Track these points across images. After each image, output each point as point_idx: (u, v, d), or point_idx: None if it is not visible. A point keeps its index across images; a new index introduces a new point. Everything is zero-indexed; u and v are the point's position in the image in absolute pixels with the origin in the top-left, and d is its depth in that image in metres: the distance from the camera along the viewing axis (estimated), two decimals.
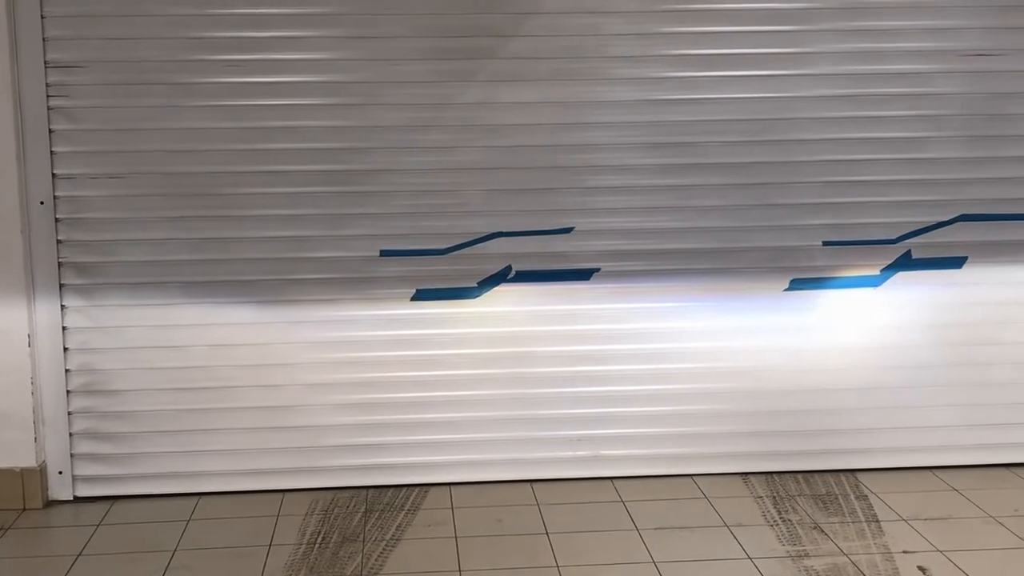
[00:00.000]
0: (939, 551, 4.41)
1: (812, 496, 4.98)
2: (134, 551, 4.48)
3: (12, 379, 4.84)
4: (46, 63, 4.71)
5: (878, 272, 5.14)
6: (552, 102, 4.91)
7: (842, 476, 5.20)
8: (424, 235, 4.97)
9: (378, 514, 4.81)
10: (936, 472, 5.23)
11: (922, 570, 4.25)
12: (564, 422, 5.14)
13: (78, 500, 5.00)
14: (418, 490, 5.07)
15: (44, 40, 4.69)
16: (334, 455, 5.08)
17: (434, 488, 5.09)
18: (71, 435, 4.96)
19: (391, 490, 5.07)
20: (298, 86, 4.84)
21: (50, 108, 4.74)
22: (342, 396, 5.04)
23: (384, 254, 4.97)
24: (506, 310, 5.06)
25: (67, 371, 4.91)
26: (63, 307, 4.87)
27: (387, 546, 4.49)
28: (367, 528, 4.67)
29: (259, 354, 4.98)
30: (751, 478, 5.18)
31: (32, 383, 4.85)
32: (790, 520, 4.72)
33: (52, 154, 4.76)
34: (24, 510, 4.90)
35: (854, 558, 4.35)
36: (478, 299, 5.05)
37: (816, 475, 5.21)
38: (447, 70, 4.88)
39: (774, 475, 5.21)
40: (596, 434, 5.17)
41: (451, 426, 5.11)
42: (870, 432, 5.24)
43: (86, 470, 5.00)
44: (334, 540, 4.56)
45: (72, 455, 4.98)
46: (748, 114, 4.99)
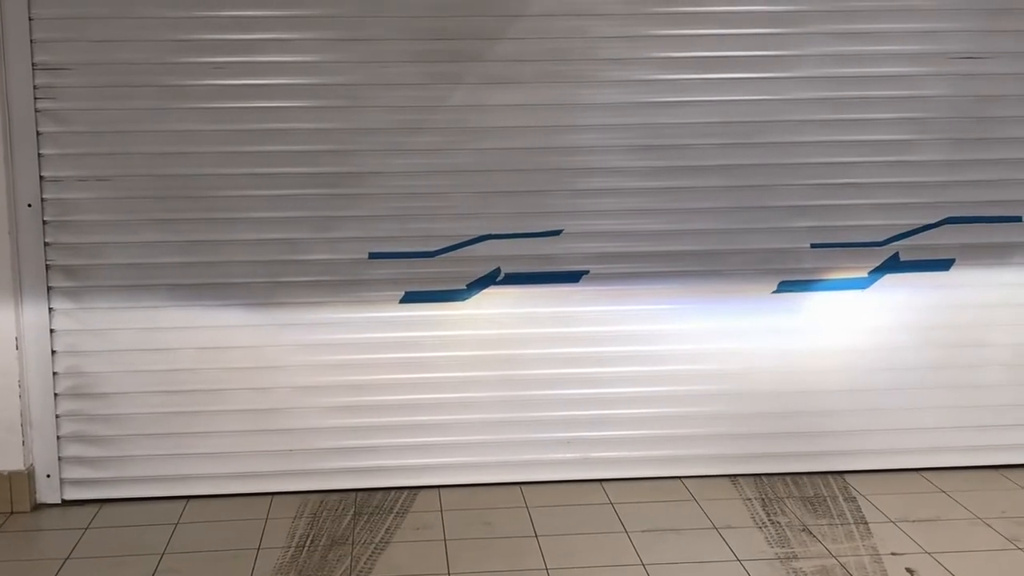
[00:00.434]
0: (927, 553, 4.42)
1: (801, 498, 4.99)
2: (122, 555, 4.47)
3: (0, 382, 4.82)
4: (34, 65, 4.69)
5: (866, 274, 5.16)
6: (541, 104, 4.92)
7: (830, 478, 5.21)
8: (413, 237, 4.97)
9: (367, 517, 4.81)
10: (924, 474, 5.25)
11: (910, 572, 4.26)
12: (553, 424, 5.14)
13: (66, 503, 4.99)
14: (407, 493, 5.07)
15: (32, 42, 4.68)
16: (323, 458, 5.07)
17: (423, 491, 5.09)
18: (59, 438, 4.95)
19: (380, 493, 5.07)
20: (286, 88, 4.83)
21: (38, 111, 4.72)
22: (331, 399, 5.04)
23: (373, 256, 4.97)
24: (495, 312, 5.06)
25: (55, 374, 4.90)
26: (51, 310, 4.85)
27: (376, 549, 4.49)
28: (356, 531, 4.67)
29: (248, 357, 4.98)
30: (740, 480, 5.19)
31: (20, 386, 4.83)
32: (779, 522, 4.73)
33: (40, 156, 4.75)
34: (12, 513, 4.88)
35: (842, 560, 4.36)
36: (467, 301, 5.05)
37: (804, 477, 5.22)
38: (436, 72, 4.88)
39: (763, 477, 5.22)
40: (585, 436, 5.17)
41: (440, 428, 5.10)
42: (858, 434, 5.26)
43: (74, 473, 4.99)
44: (323, 543, 4.56)
45: (60, 458, 4.96)
46: (737, 117, 5.00)
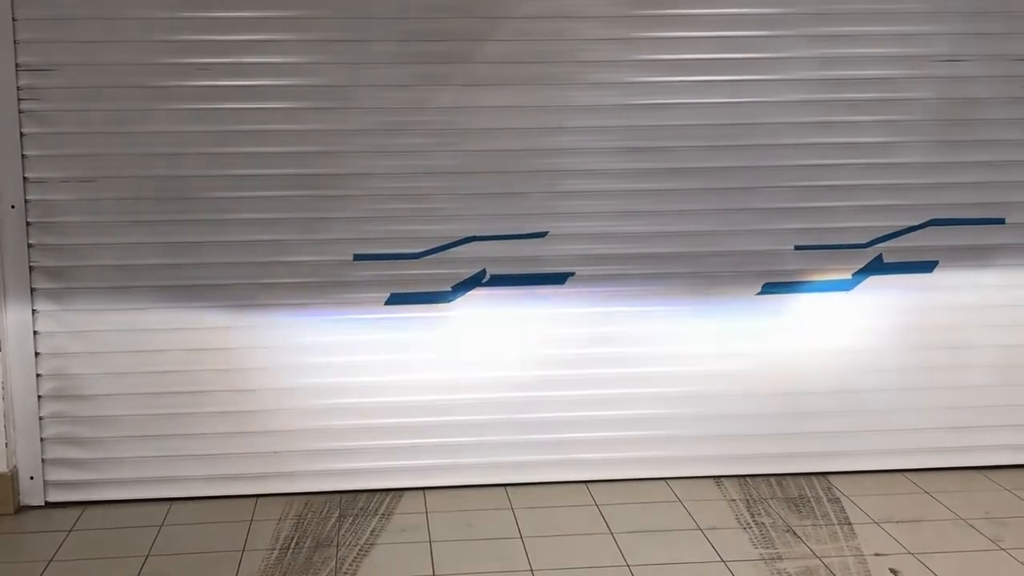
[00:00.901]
0: (911, 553, 4.43)
1: (785, 499, 5.00)
2: (106, 556, 4.46)
3: None
4: (17, 66, 4.68)
5: (850, 276, 5.17)
6: (526, 106, 4.92)
7: (814, 479, 5.23)
8: (398, 239, 4.97)
9: (352, 519, 4.80)
10: (907, 475, 5.27)
11: (894, 572, 4.28)
12: (538, 425, 5.15)
13: (50, 505, 4.97)
14: (392, 494, 5.06)
15: (15, 43, 4.66)
16: (308, 460, 5.07)
17: (408, 492, 5.09)
18: (43, 440, 4.93)
19: (365, 495, 5.06)
20: (272, 89, 4.83)
21: (21, 111, 4.71)
22: (315, 400, 5.03)
23: (358, 258, 4.96)
24: (480, 314, 5.06)
25: (38, 376, 4.88)
26: (34, 311, 4.83)
27: (361, 551, 4.49)
28: (341, 533, 4.66)
29: (232, 358, 4.97)
30: (724, 481, 5.20)
31: (3, 388, 4.81)
32: (763, 523, 4.74)
33: (23, 157, 4.73)
34: None
35: (826, 561, 4.37)
36: (452, 303, 5.05)
37: (789, 478, 5.23)
38: (421, 74, 4.88)
39: (747, 478, 5.23)
40: (570, 437, 5.17)
41: (425, 430, 5.10)
42: (842, 435, 5.27)
43: (58, 475, 4.97)
44: (307, 545, 4.55)
45: (44, 460, 4.94)
46: (722, 119, 5.02)
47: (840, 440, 5.28)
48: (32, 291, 4.82)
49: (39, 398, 4.89)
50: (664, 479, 5.21)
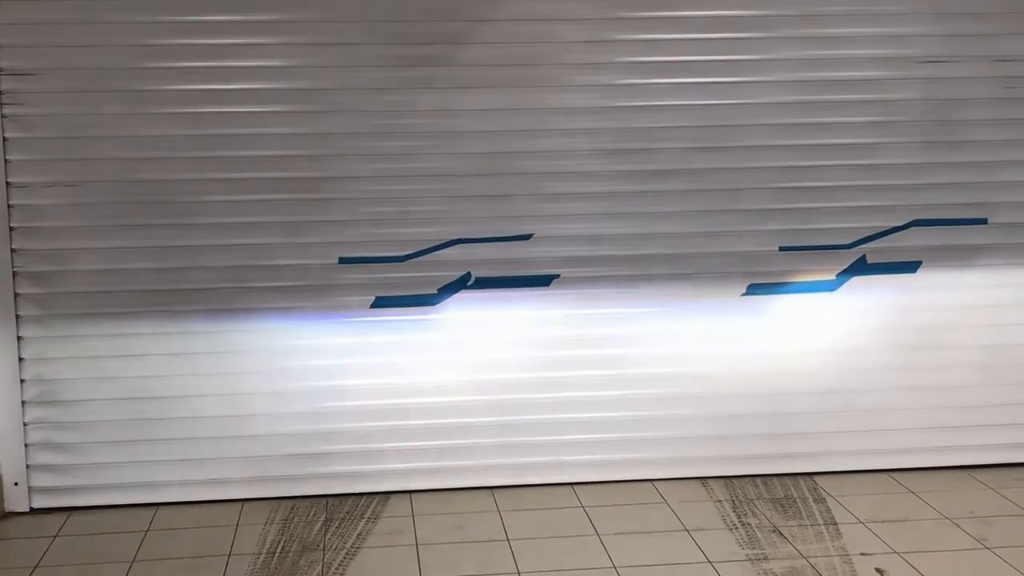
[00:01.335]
0: (896, 553, 4.45)
1: (771, 500, 5.01)
2: (91, 562, 4.44)
3: None
4: (0, 71, 4.67)
5: (834, 277, 5.19)
6: (510, 109, 4.92)
7: (800, 479, 5.24)
8: (383, 242, 4.97)
9: (338, 523, 4.80)
10: (893, 475, 5.29)
11: (880, 572, 4.29)
12: (524, 428, 5.14)
13: (35, 512, 4.94)
14: (378, 498, 5.06)
15: None
16: (293, 464, 5.06)
17: (394, 496, 5.08)
18: (27, 446, 4.91)
19: (351, 498, 5.05)
20: (256, 93, 4.82)
21: (4, 116, 4.69)
22: (300, 404, 5.02)
23: (343, 261, 4.96)
24: (466, 316, 5.06)
25: (22, 381, 4.86)
26: (18, 317, 4.81)
27: (347, 555, 4.48)
28: (327, 537, 4.65)
29: (217, 363, 4.95)
30: (710, 482, 5.21)
31: None
32: (749, 524, 4.75)
33: (6, 162, 4.71)
34: None
35: (813, 561, 4.39)
36: (438, 306, 5.04)
37: (775, 479, 5.24)
38: (405, 77, 4.88)
39: (733, 479, 5.24)
40: (556, 440, 5.17)
41: (411, 433, 5.09)
42: (828, 436, 5.29)
43: (43, 481, 4.95)
44: (294, 549, 4.54)
45: (28, 466, 4.92)
46: (705, 120, 5.03)
47: (826, 440, 5.29)
48: (16, 296, 4.80)
49: (23, 403, 4.87)
50: (650, 481, 5.21)
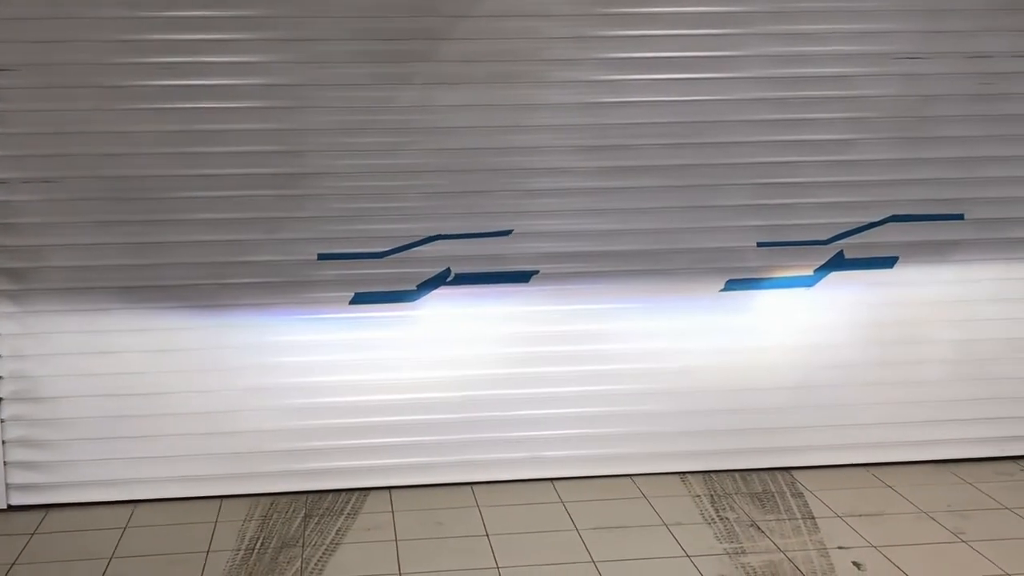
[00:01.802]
0: (873, 546, 4.47)
1: (749, 494, 5.03)
2: (69, 559, 4.43)
3: None
4: None
5: (812, 272, 5.21)
6: (489, 105, 4.93)
7: (778, 474, 5.26)
8: (362, 238, 4.96)
9: (317, 519, 4.79)
10: (870, 469, 5.31)
11: (857, 565, 4.31)
12: (503, 424, 5.15)
13: (12, 509, 4.92)
14: (358, 494, 5.06)
15: None
16: (272, 460, 5.05)
17: (374, 492, 5.08)
18: (3, 443, 4.88)
19: (331, 494, 5.05)
20: (233, 89, 4.81)
21: None
22: (280, 400, 5.01)
23: (322, 258, 4.95)
24: (445, 312, 5.06)
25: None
26: None
27: (327, 551, 4.48)
28: (306, 533, 4.65)
29: (195, 359, 4.94)
30: (689, 477, 5.23)
31: None
32: (727, 518, 4.77)
33: None
34: None
35: (790, 554, 4.41)
36: (417, 302, 5.04)
37: (753, 473, 5.27)
38: (383, 73, 4.87)
39: (712, 474, 5.26)
40: (536, 435, 5.18)
41: (390, 429, 5.09)
42: (805, 430, 5.31)
43: (19, 478, 4.93)
44: (273, 545, 4.54)
45: (5, 463, 4.90)
46: (683, 117, 5.04)
47: (803, 435, 5.31)
48: None
49: (0, 400, 4.85)
50: (629, 476, 5.23)
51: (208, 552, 4.48)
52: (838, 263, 5.20)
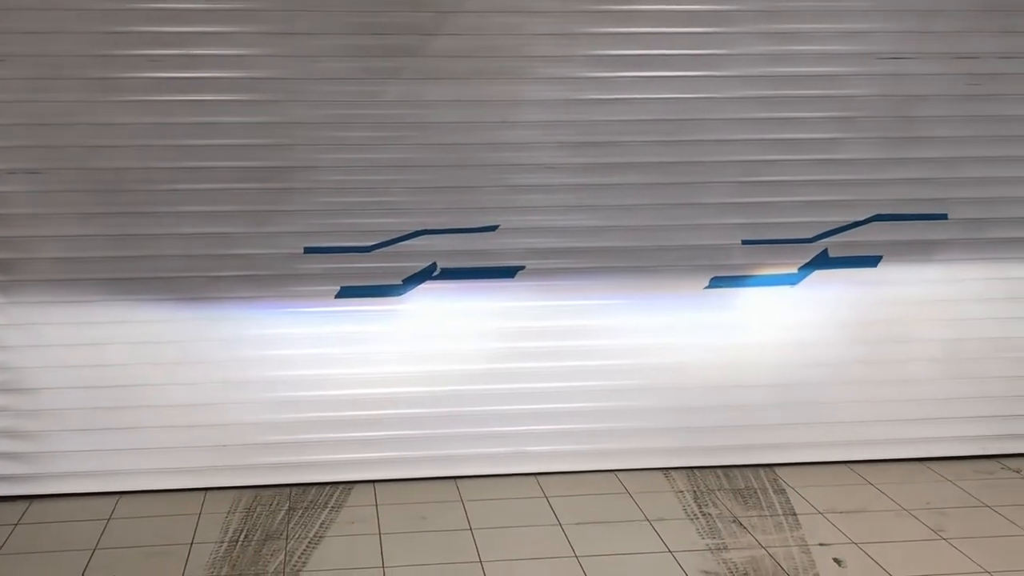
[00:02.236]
0: (854, 543, 4.50)
1: (731, 490, 5.06)
2: (52, 550, 4.43)
3: None
4: None
5: (796, 270, 5.23)
6: (476, 100, 4.94)
7: (761, 471, 5.28)
8: (348, 232, 4.96)
9: (301, 512, 4.80)
10: (852, 466, 5.34)
11: (837, 561, 4.34)
12: (488, 418, 5.16)
13: None
14: (342, 487, 5.06)
15: None
16: (257, 453, 5.05)
17: (358, 485, 5.09)
18: None
19: (315, 488, 5.05)
20: (220, 81, 4.80)
21: None
22: (264, 393, 5.01)
23: (308, 251, 4.95)
24: (431, 307, 5.06)
25: None
26: None
27: (310, 544, 4.48)
28: (290, 526, 4.66)
29: (179, 352, 4.94)
30: (672, 473, 5.24)
31: None
32: (710, 514, 4.79)
33: None
34: None
35: (772, 551, 4.43)
36: (403, 296, 5.05)
37: (736, 470, 5.29)
38: (370, 67, 4.88)
39: (695, 470, 5.28)
40: (519, 430, 5.19)
41: (374, 423, 5.10)
42: (788, 427, 5.34)
43: (3, 469, 4.92)
44: (256, 538, 4.54)
45: None
46: (668, 114, 5.06)
47: (786, 432, 5.34)
48: None
49: None
50: (613, 471, 5.24)
51: (192, 544, 4.48)
52: (822, 261, 5.23)
